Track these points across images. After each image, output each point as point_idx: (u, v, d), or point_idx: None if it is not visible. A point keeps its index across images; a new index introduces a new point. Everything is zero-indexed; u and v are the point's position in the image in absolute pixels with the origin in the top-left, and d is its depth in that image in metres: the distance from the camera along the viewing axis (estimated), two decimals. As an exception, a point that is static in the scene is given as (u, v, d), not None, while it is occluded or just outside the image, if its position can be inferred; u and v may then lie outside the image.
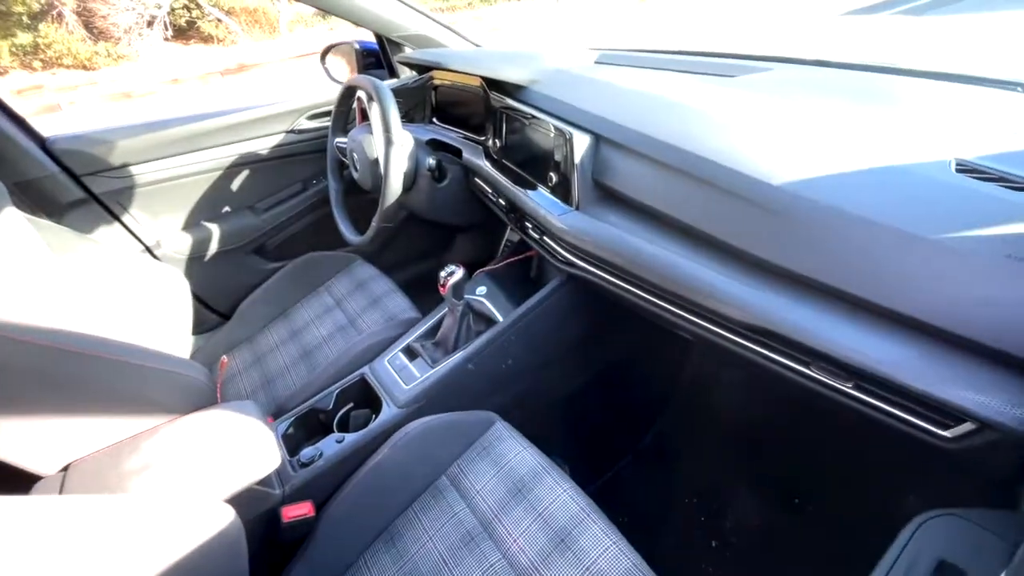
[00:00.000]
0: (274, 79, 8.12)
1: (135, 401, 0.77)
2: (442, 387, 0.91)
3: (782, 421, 1.11)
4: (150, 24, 9.15)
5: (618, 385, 1.14)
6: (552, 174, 0.85)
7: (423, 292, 1.26)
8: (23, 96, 7.67)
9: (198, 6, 9.45)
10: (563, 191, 0.84)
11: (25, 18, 8.34)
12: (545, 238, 0.89)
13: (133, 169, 1.21)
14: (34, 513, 0.53)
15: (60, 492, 0.70)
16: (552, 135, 0.85)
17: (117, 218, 1.22)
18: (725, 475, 1.12)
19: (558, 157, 0.84)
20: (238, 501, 0.70)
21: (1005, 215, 0.43)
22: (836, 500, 1.04)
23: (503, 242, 1.51)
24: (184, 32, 9.74)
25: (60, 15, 8.54)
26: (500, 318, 0.99)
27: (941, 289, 0.43)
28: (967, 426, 0.43)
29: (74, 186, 1.14)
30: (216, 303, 1.39)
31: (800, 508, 1.05)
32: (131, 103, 7.71)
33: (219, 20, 9.68)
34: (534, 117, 0.91)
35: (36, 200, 1.10)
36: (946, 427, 0.45)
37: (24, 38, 8.29)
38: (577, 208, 0.80)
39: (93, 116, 6.86)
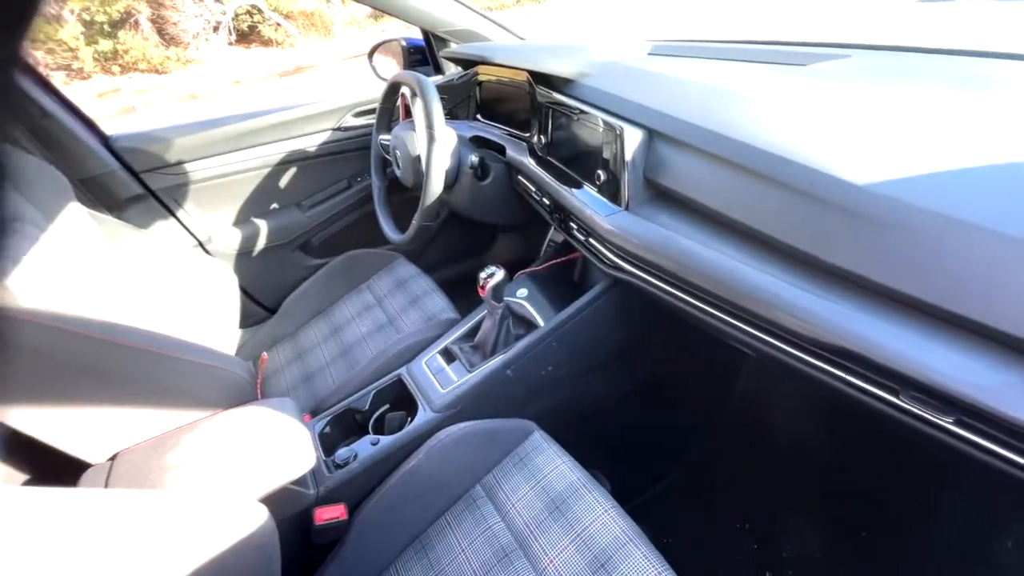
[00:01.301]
0: (328, 79, 8.39)
1: (179, 395, 0.78)
2: (479, 392, 0.88)
3: (848, 445, 1.01)
4: (216, 29, 9.65)
5: (663, 397, 1.07)
6: (600, 172, 0.80)
7: (463, 292, 1.23)
8: (103, 99, 8.28)
9: (259, 11, 9.89)
10: (612, 190, 0.79)
11: (106, 26, 8.99)
12: (591, 239, 0.84)
13: (188, 166, 1.25)
14: (80, 506, 0.54)
15: (107, 482, 0.71)
16: (601, 131, 0.80)
17: (172, 213, 1.26)
18: (781, 500, 1.03)
19: (607, 154, 0.79)
20: (272, 500, 0.69)
21: None
22: (909, 536, 0.94)
23: (546, 242, 1.47)
24: (246, 36, 10.23)
25: (137, 23, 9.15)
26: (541, 322, 0.95)
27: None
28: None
29: (133, 182, 1.18)
30: (262, 298, 1.42)
31: (868, 543, 0.95)
32: (197, 104, 8.17)
33: (278, 24, 10.10)
34: (582, 112, 0.87)
35: (98, 195, 1.15)
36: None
37: (105, 45, 8.94)
38: (627, 208, 0.75)
39: (163, 117, 7.31)
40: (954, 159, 0.45)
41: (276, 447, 0.76)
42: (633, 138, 0.73)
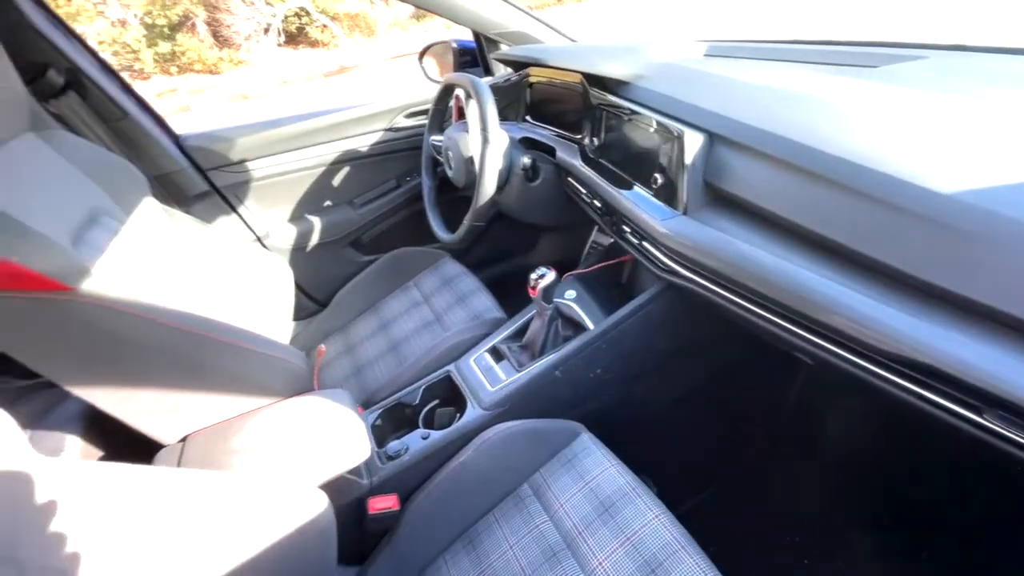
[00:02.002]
0: (370, 79, 8.59)
1: (243, 382, 0.82)
2: (528, 392, 0.89)
3: (909, 462, 0.97)
4: (266, 31, 10.03)
5: (713, 404, 1.06)
6: (657, 175, 0.79)
7: (506, 291, 1.25)
8: (162, 98, 8.73)
9: (307, 13, 10.21)
10: (668, 193, 0.78)
11: (166, 29, 9.47)
12: (645, 243, 0.84)
13: (250, 164, 1.31)
14: (159, 483, 0.57)
15: (179, 462, 0.76)
16: (659, 134, 0.80)
17: (234, 209, 1.32)
18: (834, 515, 1.00)
19: (664, 157, 0.78)
20: (329, 488, 0.72)
21: None
22: (973, 561, 0.89)
23: (588, 245, 1.47)
24: (294, 38, 10.58)
25: (193, 26, 9.60)
26: (590, 324, 0.95)
27: None
28: None
29: (200, 180, 1.25)
30: (314, 292, 1.47)
31: (930, 565, 0.91)
32: (247, 103, 8.51)
33: (324, 26, 10.39)
34: (637, 114, 0.86)
35: (169, 191, 1.21)
36: None
37: (164, 47, 9.42)
38: (684, 212, 0.74)
39: (216, 115, 7.66)
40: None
41: (334, 437, 0.79)
42: (693, 141, 0.72)
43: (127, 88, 1.13)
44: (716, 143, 0.72)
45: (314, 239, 1.43)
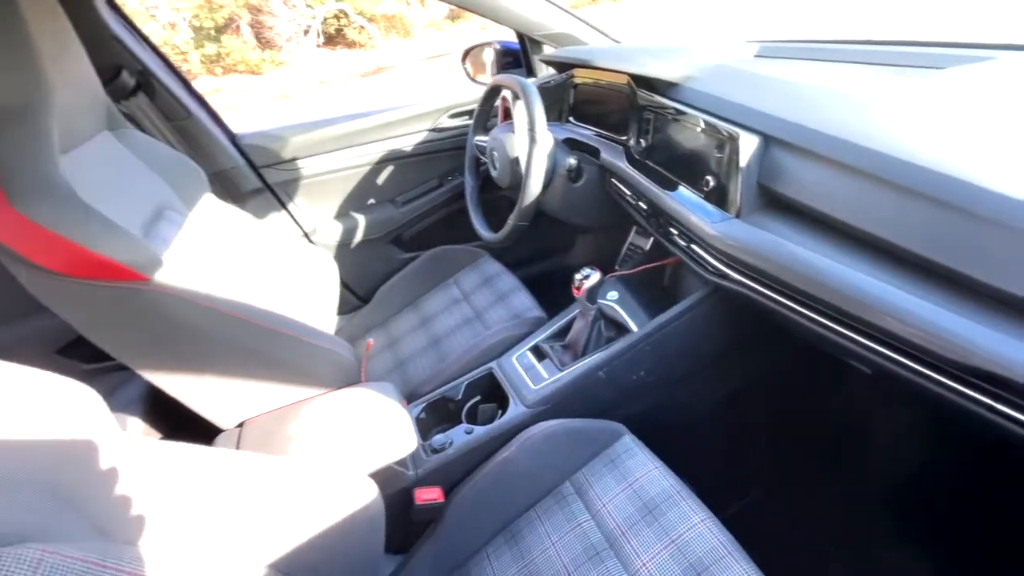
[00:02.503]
0: (405, 79, 8.73)
1: (297, 372, 0.85)
2: (570, 392, 0.89)
3: (969, 476, 0.93)
4: (306, 33, 10.30)
5: (756, 410, 1.04)
6: (708, 178, 0.79)
7: (543, 290, 1.26)
8: (207, 98, 9.08)
9: (346, 15, 10.44)
10: (719, 196, 0.77)
11: (212, 31, 9.84)
12: (693, 246, 0.83)
13: (300, 162, 1.35)
14: (218, 463, 0.60)
15: (237, 446, 0.80)
16: (709, 135, 0.79)
17: (284, 206, 1.37)
18: (884, 531, 0.97)
19: (716, 159, 0.78)
20: (377, 477, 0.74)
21: None
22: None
23: (625, 246, 1.46)
24: (332, 39, 10.84)
25: (238, 28, 9.95)
26: (633, 326, 0.95)
27: None
28: None
29: (254, 176, 1.30)
30: (357, 287, 1.51)
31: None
32: (287, 103, 8.76)
33: (362, 27, 10.61)
34: (686, 116, 0.86)
35: (225, 188, 1.27)
36: None
37: (210, 48, 9.79)
38: (737, 215, 0.73)
39: (257, 114, 7.91)
40: None
41: (382, 428, 0.81)
42: (749, 144, 0.71)
43: (191, 89, 1.19)
44: (771, 146, 0.71)
45: (358, 236, 1.47)
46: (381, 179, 1.47)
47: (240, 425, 0.84)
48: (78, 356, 1.14)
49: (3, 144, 0.63)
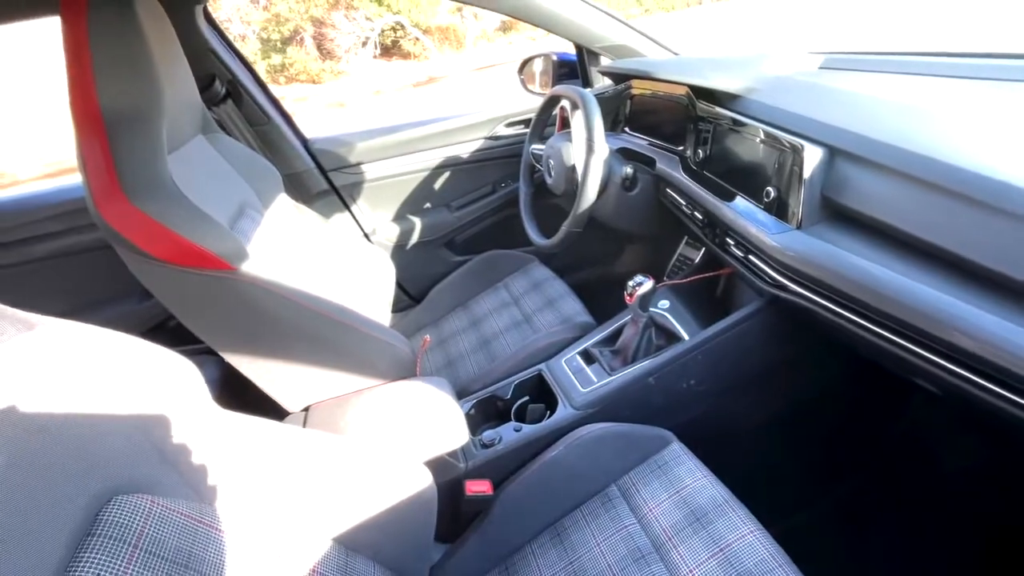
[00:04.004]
0: (455, 89, 8.96)
1: (360, 362, 0.90)
2: (620, 396, 0.90)
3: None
4: (364, 44, 10.75)
5: (810, 426, 1.01)
6: (769, 188, 0.79)
7: (591, 297, 1.27)
8: (270, 106, 9.60)
9: (402, 27, 10.83)
10: (780, 207, 0.77)
11: (279, 43, 10.42)
12: (751, 257, 0.83)
13: (364, 167, 1.43)
14: (292, 439, 0.65)
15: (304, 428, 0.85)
16: (771, 147, 0.79)
17: (347, 207, 1.45)
18: (948, 559, 0.92)
19: (778, 170, 0.78)
20: (430, 466, 0.78)
21: None
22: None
23: (675, 257, 1.45)
24: (388, 50, 11.26)
25: (302, 40, 10.49)
26: (685, 335, 0.95)
27: None
28: None
29: (322, 179, 1.39)
30: (410, 287, 1.57)
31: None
32: (343, 111, 9.16)
33: (417, 38, 10.97)
34: (746, 127, 0.86)
35: (297, 189, 1.36)
36: None
37: (276, 59, 10.37)
38: (799, 227, 0.73)
39: (316, 121, 8.31)
40: None
41: (436, 420, 0.85)
42: (813, 155, 0.71)
43: (271, 98, 1.28)
44: (836, 157, 0.71)
45: (413, 238, 1.53)
46: (438, 184, 1.53)
47: (305, 409, 0.90)
48: (160, 340, 1.25)
49: (123, 145, 0.71)
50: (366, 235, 1.49)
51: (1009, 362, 0.48)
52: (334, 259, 1.24)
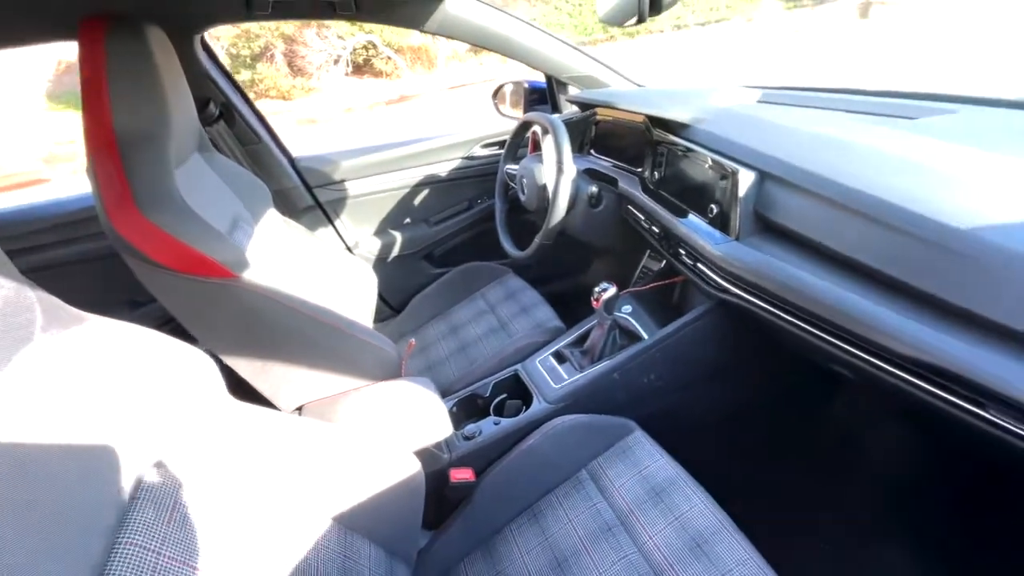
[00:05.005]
0: (427, 108, 9.09)
1: (350, 364, 0.97)
2: (588, 391, 1.00)
3: (948, 476, 1.02)
4: (336, 62, 10.79)
5: (755, 420, 1.14)
6: (712, 206, 0.91)
7: (561, 306, 1.38)
8: (240, 121, 9.49)
9: (374, 46, 10.94)
10: (722, 222, 0.90)
11: (249, 59, 10.36)
12: (699, 265, 0.95)
13: (347, 184, 1.51)
14: (295, 427, 0.71)
15: (297, 426, 0.91)
16: (714, 170, 0.92)
17: (331, 222, 1.52)
18: (873, 530, 1.05)
19: (719, 190, 0.90)
20: (418, 457, 0.86)
21: None
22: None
23: (639, 268, 1.58)
24: (360, 68, 11.33)
25: (272, 56, 10.47)
26: (645, 335, 1.06)
27: None
28: None
29: (307, 195, 1.46)
30: (390, 298, 1.65)
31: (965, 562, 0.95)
32: (315, 127, 9.15)
33: (389, 57, 11.09)
34: (695, 152, 0.99)
35: (284, 204, 1.43)
36: None
37: (245, 75, 10.29)
38: (737, 238, 0.86)
39: (287, 137, 8.26)
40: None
41: (421, 415, 0.93)
42: (746, 178, 0.84)
43: (261, 118, 1.36)
44: (766, 180, 0.84)
45: (394, 251, 1.61)
46: (417, 201, 1.62)
47: (298, 409, 0.96)
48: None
49: (135, 162, 0.78)
50: (349, 248, 1.56)
51: (901, 346, 0.60)
52: (320, 270, 1.31)
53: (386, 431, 0.90)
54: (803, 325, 0.76)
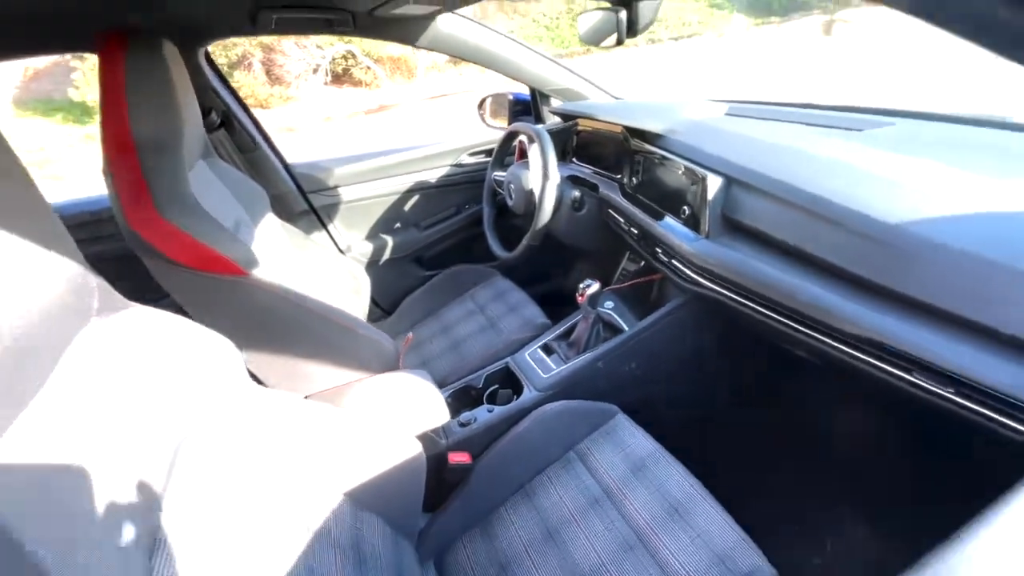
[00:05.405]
0: (407, 118, 9.14)
1: (352, 357, 1.04)
2: (574, 380, 1.08)
3: (897, 439, 1.12)
4: (315, 71, 10.77)
5: (726, 404, 1.23)
6: (685, 207, 1.01)
7: (547, 306, 1.46)
8: (216, 129, 9.37)
9: (354, 56, 10.95)
10: (693, 222, 0.99)
11: (226, 67, 10.26)
12: (674, 261, 1.05)
13: (340, 190, 1.57)
14: (308, 410, 0.76)
15: (303, 415, 0.97)
16: (686, 176, 1.02)
17: (325, 226, 1.58)
18: (831, 492, 1.14)
19: (691, 194, 1.00)
20: (420, 441, 0.92)
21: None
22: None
23: (619, 269, 1.68)
24: (339, 77, 11.31)
25: (250, 65, 10.39)
26: (626, 328, 1.15)
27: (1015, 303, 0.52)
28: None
29: (302, 200, 1.52)
30: (382, 300, 1.70)
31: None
32: (293, 136, 9.10)
33: (368, 67, 11.12)
34: (669, 160, 1.09)
35: (280, 208, 1.47)
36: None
37: (222, 83, 10.17)
38: (707, 237, 0.95)
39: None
40: (959, 206, 0.63)
41: (420, 403, 1.00)
42: (714, 183, 0.94)
43: (259, 127, 1.41)
44: (732, 185, 0.94)
45: (385, 255, 1.68)
46: (407, 206, 1.69)
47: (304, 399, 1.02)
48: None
49: (154, 166, 0.84)
50: (341, 252, 1.62)
51: (844, 324, 0.70)
52: (316, 270, 1.36)
53: (388, 417, 0.96)
54: (765, 311, 0.85)
